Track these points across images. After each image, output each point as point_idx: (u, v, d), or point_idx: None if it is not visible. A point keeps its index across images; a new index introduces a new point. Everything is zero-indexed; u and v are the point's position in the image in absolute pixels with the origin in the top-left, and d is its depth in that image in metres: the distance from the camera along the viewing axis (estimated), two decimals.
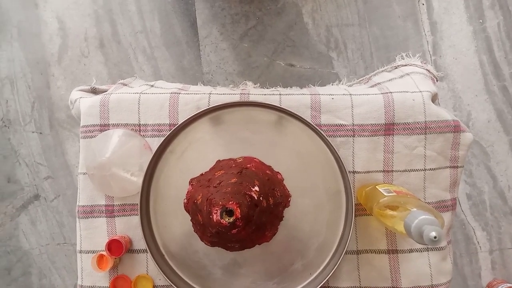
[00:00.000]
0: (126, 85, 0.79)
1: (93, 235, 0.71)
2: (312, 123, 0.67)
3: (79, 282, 0.72)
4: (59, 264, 1.43)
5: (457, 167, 0.71)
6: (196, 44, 1.39)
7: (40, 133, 1.42)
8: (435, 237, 0.47)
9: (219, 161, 0.69)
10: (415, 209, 0.53)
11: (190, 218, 0.69)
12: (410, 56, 0.82)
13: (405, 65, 0.80)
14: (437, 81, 0.79)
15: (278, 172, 0.69)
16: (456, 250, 1.34)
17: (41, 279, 1.43)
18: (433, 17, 1.35)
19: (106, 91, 0.75)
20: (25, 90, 1.42)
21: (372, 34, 1.36)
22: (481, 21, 1.34)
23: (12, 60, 1.43)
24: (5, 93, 1.43)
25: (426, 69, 0.77)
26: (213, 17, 1.39)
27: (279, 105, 0.68)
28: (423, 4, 1.36)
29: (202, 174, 0.69)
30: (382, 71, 0.83)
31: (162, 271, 0.68)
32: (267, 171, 0.68)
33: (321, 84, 0.84)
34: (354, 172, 0.69)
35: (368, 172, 0.69)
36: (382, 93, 0.70)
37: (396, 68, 0.81)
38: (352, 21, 1.36)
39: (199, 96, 0.70)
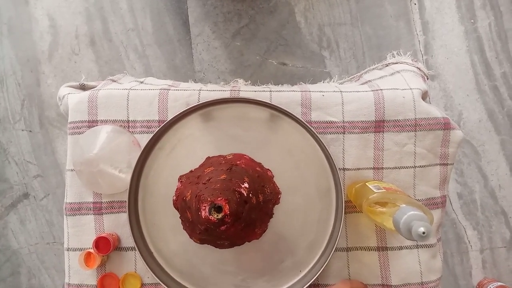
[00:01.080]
0: (115, 81, 0.78)
1: (81, 232, 0.70)
2: (303, 120, 0.67)
3: (66, 280, 0.71)
4: (48, 263, 1.41)
5: (447, 164, 0.71)
6: (188, 42, 1.39)
7: (30, 131, 1.40)
8: (423, 233, 0.47)
9: (208, 157, 0.69)
10: (404, 205, 0.53)
11: (179, 215, 0.68)
12: (401, 54, 0.82)
13: (396, 63, 0.80)
14: (427, 79, 0.79)
15: (268, 169, 0.69)
16: (447, 249, 1.35)
17: (30, 279, 1.42)
18: (425, 16, 1.36)
19: (95, 87, 0.74)
20: (15, 88, 1.41)
21: (365, 33, 1.36)
22: (472, 21, 1.35)
23: (2, 57, 1.41)
24: None
25: (417, 67, 0.77)
26: (205, 15, 1.38)
27: (269, 102, 0.68)
28: (415, 4, 1.36)
29: (191, 171, 0.68)
30: (373, 68, 0.83)
31: (151, 269, 0.67)
32: (257, 168, 0.68)
33: (313, 83, 0.84)
34: (344, 169, 0.69)
35: (358, 169, 0.69)
36: (372, 90, 0.70)
37: (387, 66, 0.81)
38: (345, 20, 1.36)
39: (189, 92, 0.70)
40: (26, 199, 1.41)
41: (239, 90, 0.70)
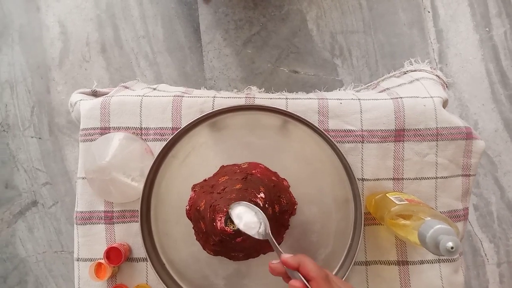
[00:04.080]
0: (128, 88, 0.77)
1: (91, 242, 0.68)
2: (320, 128, 0.65)
3: None
4: (56, 272, 1.40)
5: (469, 175, 0.68)
6: (199, 50, 1.38)
7: (39, 138, 1.40)
8: (452, 248, 0.45)
9: (223, 166, 0.67)
10: (429, 218, 0.50)
11: (192, 225, 0.66)
12: (419, 62, 0.80)
13: (414, 71, 0.78)
14: (446, 87, 0.77)
15: (284, 178, 0.67)
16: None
17: (38, 287, 1.40)
18: (439, 24, 1.34)
19: (107, 94, 0.73)
20: (25, 95, 1.40)
21: (378, 41, 1.34)
22: (487, 29, 1.33)
23: (12, 64, 1.41)
24: (5, 97, 1.41)
25: (436, 75, 0.75)
26: (216, 23, 1.37)
27: (286, 110, 0.66)
28: (429, 12, 1.34)
29: (205, 180, 0.67)
30: (391, 76, 0.81)
31: (163, 281, 0.65)
32: (273, 178, 0.66)
33: (326, 91, 0.82)
34: (363, 179, 0.67)
35: (378, 179, 0.67)
36: (392, 98, 0.68)
37: (405, 73, 0.79)
38: (357, 28, 1.35)
39: (203, 99, 0.68)
40: (34, 206, 1.40)
41: (254, 98, 0.69)
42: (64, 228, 1.39)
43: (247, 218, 0.55)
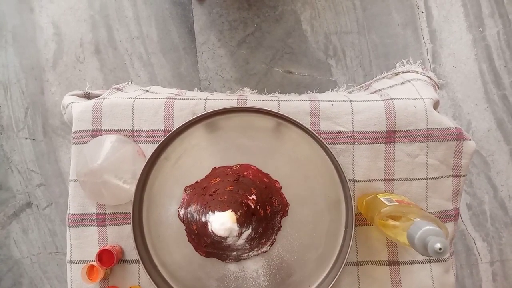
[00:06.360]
0: (120, 90, 0.77)
1: (84, 244, 0.68)
2: (311, 130, 0.65)
3: None
4: (51, 274, 1.39)
5: (460, 176, 0.69)
6: (194, 51, 1.38)
7: (33, 139, 1.39)
8: (440, 249, 0.45)
9: (215, 168, 0.67)
10: (418, 219, 0.51)
11: (185, 227, 0.66)
12: (410, 63, 0.80)
13: (406, 72, 0.78)
14: (438, 88, 0.77)
15: (276, 180, 0.67)
16: (457, 261, 1.32)
17: None
18: (432, 25, 1.35)
19: (99, 96, 0.73)
20: (19, 96, 1.40)
21: (371, 42, 1.35)
22: (480, 29, 1.34)
23: (6, 65, 1.41)
24: None
25: (427, 76, 0.76)
26: (210, 24, 1.37)
27: (277, 111, 0.66)
28: (422, 12, 1.35)
29: (197, 182, 0.67)
30: (383, 77, 0.81)
31: (155, 283, 0.65)
32: (265, 179, 0.66)
33: (320, 92, 0.82)
34: (354, 180, 0.67)
35: (369, 180, 0.67)
36: (383, 100, 0.68)
37: (397, 74, 0.79)
38: (351, 28, 1.35)
39: (195, 101, 0.68)
40: (28, 208, 1.40)
41: (246, 99, 0.69)
42: (58, 229, 1.39)
43: None
